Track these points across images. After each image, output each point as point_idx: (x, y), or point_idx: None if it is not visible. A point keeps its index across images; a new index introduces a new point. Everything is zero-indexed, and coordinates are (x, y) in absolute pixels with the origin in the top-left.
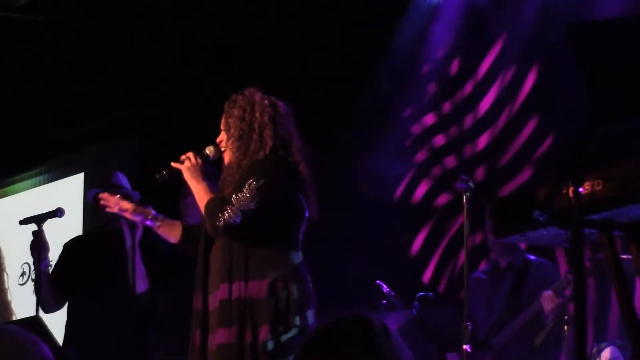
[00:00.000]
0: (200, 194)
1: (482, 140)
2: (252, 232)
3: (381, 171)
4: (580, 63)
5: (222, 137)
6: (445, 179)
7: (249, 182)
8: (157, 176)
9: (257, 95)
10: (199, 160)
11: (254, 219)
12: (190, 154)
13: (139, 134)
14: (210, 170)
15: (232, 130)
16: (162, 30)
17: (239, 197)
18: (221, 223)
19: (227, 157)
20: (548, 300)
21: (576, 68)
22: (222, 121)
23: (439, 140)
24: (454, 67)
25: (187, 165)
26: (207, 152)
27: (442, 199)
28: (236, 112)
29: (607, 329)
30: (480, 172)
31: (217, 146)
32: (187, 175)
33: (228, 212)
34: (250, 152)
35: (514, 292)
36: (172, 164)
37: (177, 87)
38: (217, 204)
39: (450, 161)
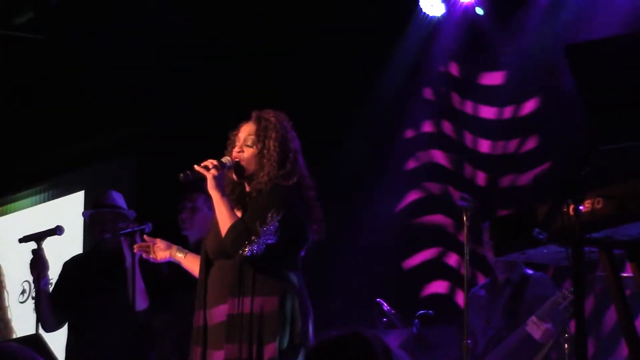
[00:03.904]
0: (223, 210)
1: (483, 155)
2: (270, 260)
3: (382, 188)
4: (580, 81)
5: (244, 150)
6: (444, 197)
7: (271, 213)
8: (181, 175)
9: (287, 122)
10: (222, 172)
11: (273, 251)
12: (215, 162)
13: (139, 152)
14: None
15: (271, 152)
16: (162, 49)
17: (264, 230)
18: (247, 253)
19: (249, 172)
20: (534, 327)
21: (576, 86)
22: (245, 135)
23: (440, 158)
24: (455, 84)
25: (214, 173)
26: (224, 161)
27: (442, 217)
28: (273, 134)
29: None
30: (480, 190)
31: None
32: (213, 184)
33: (255, 244)
34: (281, 175)
35: (510, 307)
36: (196, 167)
37: (176, 106)
38: (244, 231)
39: (450, 179)
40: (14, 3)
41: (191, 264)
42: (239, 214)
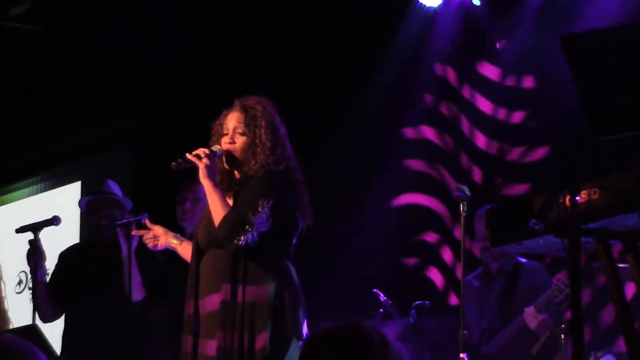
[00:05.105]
0: (215, 199)
1: (479, 149)
2: (262, 249)
3: (378, 179)
4: (576, 72)
5: (236, 140)
6: (441, 188)
7: (262, 200)
8: (173, 163)
9: (271, 107)
10: (214, 161)
11: (266, 239)
12: (206, 150)
13: (135, 144)
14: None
15: (263, 140)
16: (158, 42)
17: (257, 218)
18: (242, 243)
19: (240, 161)
20: (530, 317)
21: (572, 77)
22: (234, 124)
23: (436, 149)
24: (451, 76)
25: (206, 162)
26: (215, 150)
27: (439, 207)
28: (263, 122)
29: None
30: (477, 180)
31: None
32: (204, 173)
33: (249, 233)
34: (272, 161)
35: (504, 297)
36: (188, 155)
37: (173, 97)
38: (238, 221)
39: (447, 169)
40: None
41: (187, 251)
42: (230, 202)
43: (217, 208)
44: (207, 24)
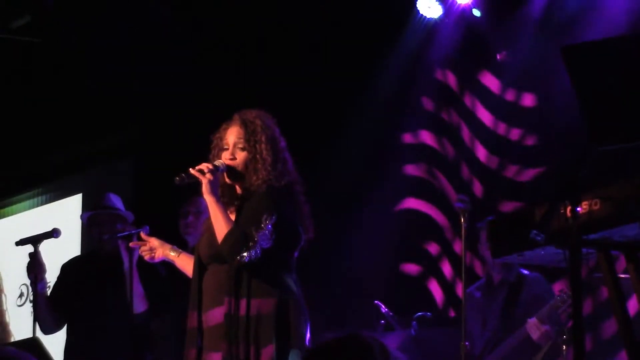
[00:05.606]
0: (218, 215)
1: (479, 160)
2: (265, 264)
3: (380, 189)
4: (577, 83)
5: (237, 156)
6: (442, 197)
7: (265, 216)
8: (177, 178)
9: (270, 121)
10: (217, 176)
11: (270, 255)
12: (210, 166)
13: (137, 156)
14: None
15: (264, 156)
16: (160, 52)
17: (260, 235)
18: (245, 259)
19: (242, 175)
20: (533, 328)
21: (573, 88)
22: (234, 140)
23: (437, 158)
24: (452, 85)
25: (209, 177)
26: (218, 164)
27: (439, 217)
28: (263, 137)
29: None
30: (477, 192)
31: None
32: (208, 189)
33: (252, 249)
34: (274, 177)
35: (507, 308)
36: (192, 170)
37: (174, 109)
38: (241, 238)
39: (447, 178)
40: (11, 7)
41: (185, 263)
42: (232, 217)
43: (220, 224)
44: (207, 34)
